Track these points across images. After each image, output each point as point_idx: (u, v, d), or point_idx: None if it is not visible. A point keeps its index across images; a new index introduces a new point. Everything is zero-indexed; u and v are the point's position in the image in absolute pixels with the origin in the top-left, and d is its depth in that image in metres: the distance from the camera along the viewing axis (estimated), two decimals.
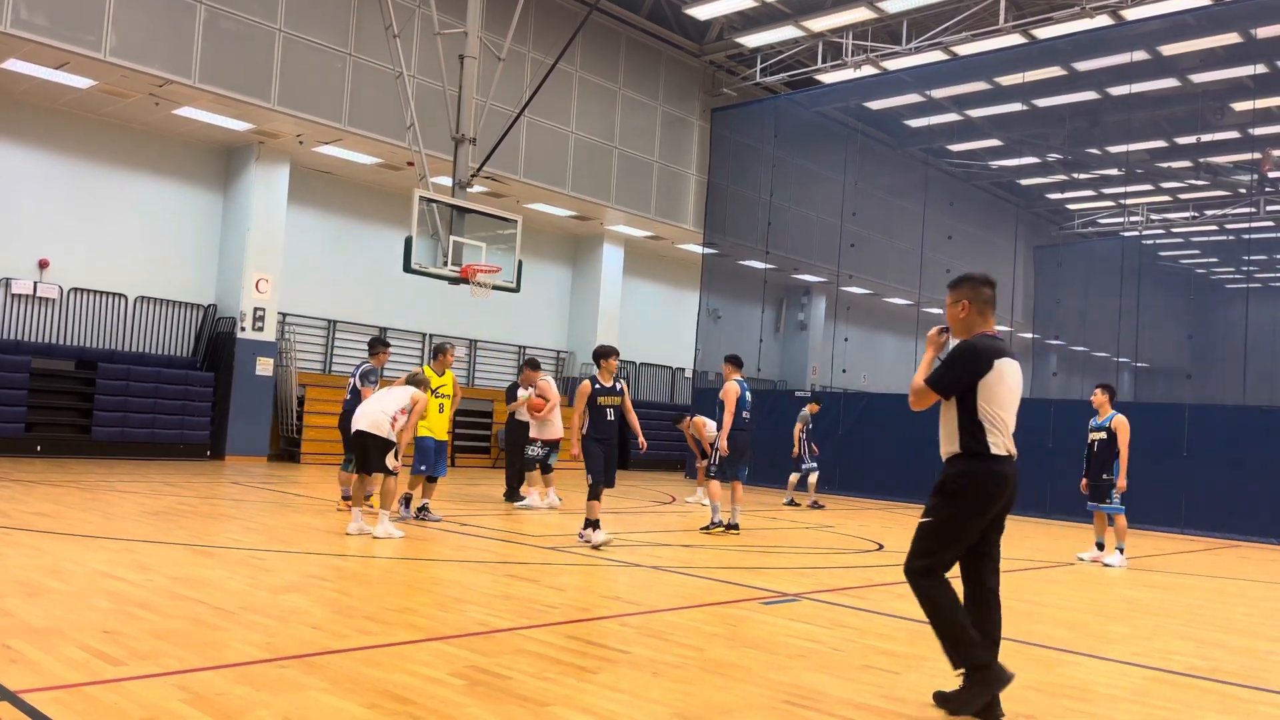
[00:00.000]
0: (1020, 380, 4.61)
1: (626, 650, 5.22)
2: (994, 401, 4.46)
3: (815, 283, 28.42)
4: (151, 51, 15.22)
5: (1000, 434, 4.46)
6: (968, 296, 4.64)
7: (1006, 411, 4.50)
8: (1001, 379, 4.47)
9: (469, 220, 15.27)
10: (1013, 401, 4.53)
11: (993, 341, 4.57)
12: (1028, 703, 4.70)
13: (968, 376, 4.46)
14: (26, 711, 3.63)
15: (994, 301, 4.66)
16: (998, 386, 4.46)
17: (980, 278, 4.69)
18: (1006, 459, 4.48)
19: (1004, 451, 4.47)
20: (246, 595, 6.05)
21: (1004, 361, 4.49)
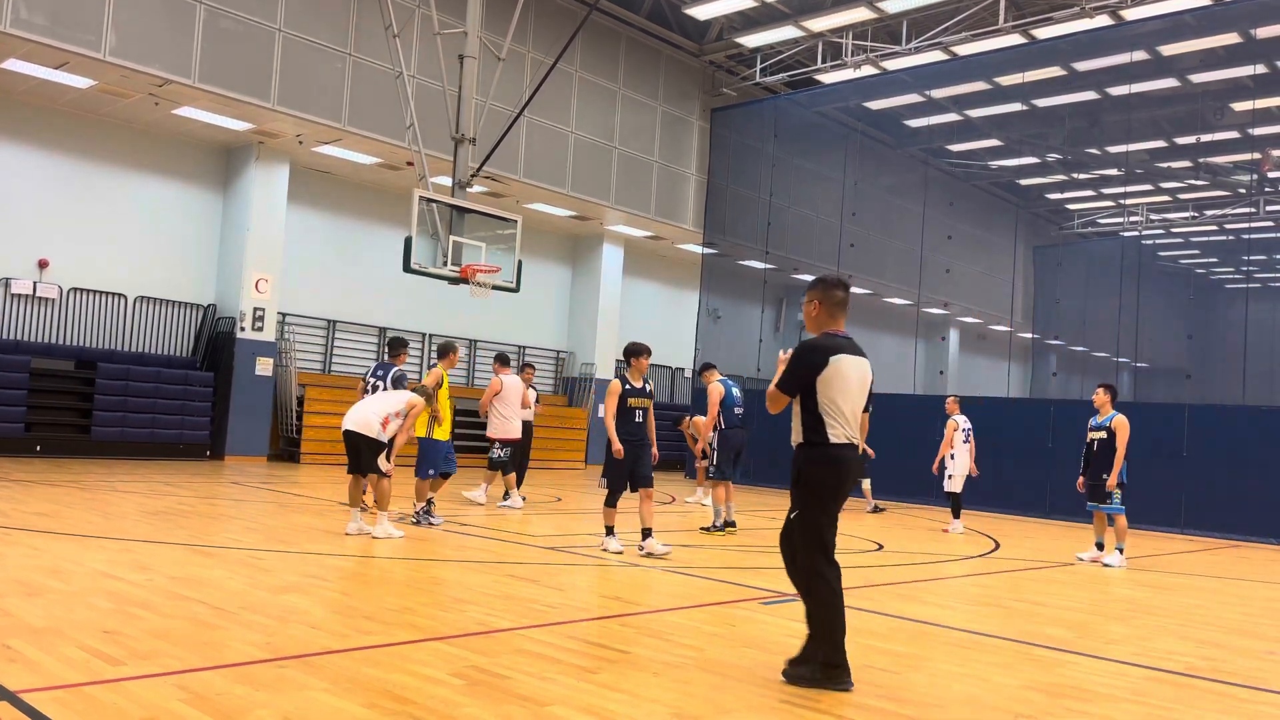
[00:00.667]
0: (863, 374, 5.04)
1: (626, 650, 5.22)
2: (833, 394, 4.88)
3: None
4: (151, 51, 15.22)
5: (840, 424, 4.88)
6: (819, 297, 5.11)
7: (846, 403, 4.90)
8: (839, 374, 4.90)
9: (469, 220, 15.27)
10: (853, 394, 4.94)
11: (832, 340, 5.01)
12: (1028, 703, 4.70)
13: (807, 373, 4.90)
14: (26, 711, 3.63)
15: (845, 304, 5.13)
16: (836, 381, 4.89)
17: (833, 280, 5.15)
18: (846, 446, 4.90)
19: (843, 440, 4.89)
20: (246, 595, 6.05)
21: (841, 358, 4.92)
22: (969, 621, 6.79)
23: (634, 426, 9.19)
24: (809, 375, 4.91)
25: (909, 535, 13.10)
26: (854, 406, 4.95)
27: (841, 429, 4.88)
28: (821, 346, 4.96)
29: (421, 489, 10.46)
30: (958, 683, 5.00)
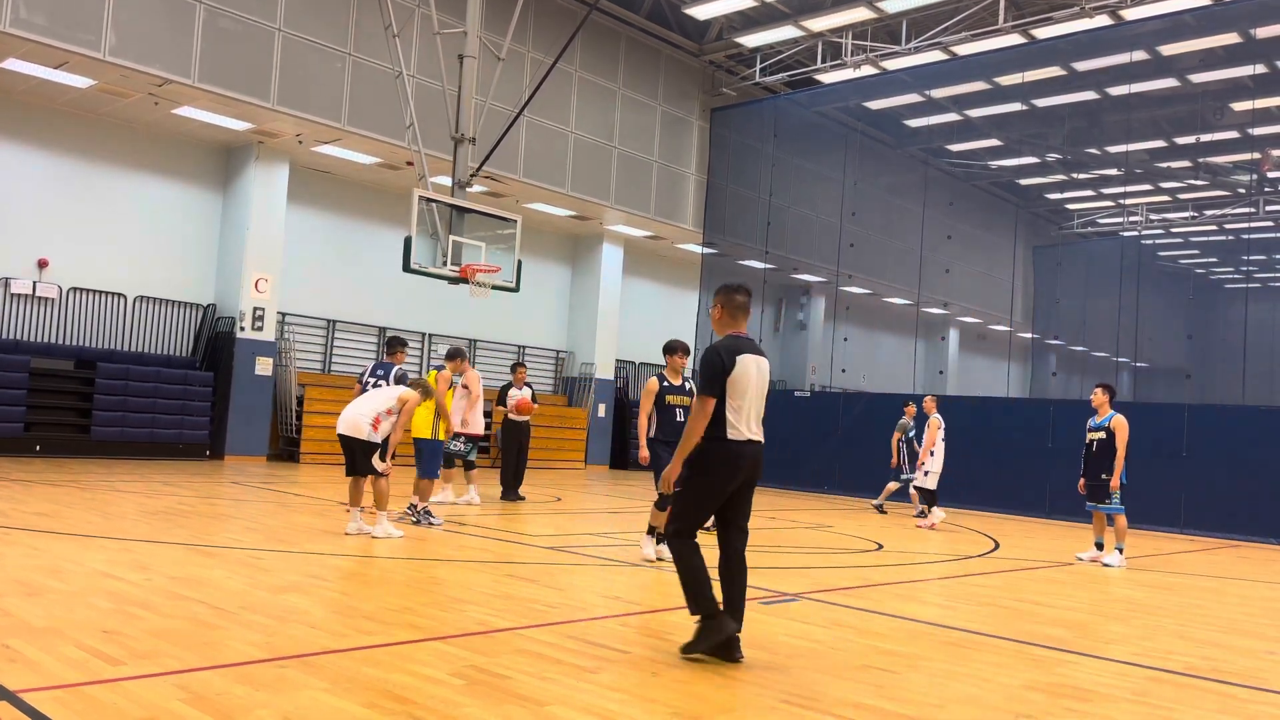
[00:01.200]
0: (763, 371, 5.40)
1: (626, 650, 5.22)
2: (736, 394, 5.25)
3: (814, 282, 28.43)
4: (151, 51, 15.22)
5: (740, 421, 5.25)
6: (722, 302, 5.56)
7: (746, 401, 5.28)
8: (744, 373, 5.27)
9: (468, 220, 15.27)
10: (754, 391, 5.32)
11: (734, 341, 5.40)
12: (1027, 702, 4.70)
13: (720, 375, 5.24)
14: (26, 711, 3.63)
15: (746, 307, 5.57)
16: (740, 380, 5.25)
17: (734, 286, 5.58)
18: (744, 442, 5.25)
19: (741, 436, 5.25)
20: (246, 595, 6.05)
21: (744, 357, 5.30)
22: (969, 621, 6.79)
23: (675, 426, 8.60)
24: (721, 377, 5.24)
25: (909, 535, 13.10)
26: (754, 403, 5.33)
27: (741, 426, 5.25)
28: (725, 348, 5.31)
29: (425, 489, 10.46)
30: (957, 682, 5.00)
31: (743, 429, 5.25)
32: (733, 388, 5.23)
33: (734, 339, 5.43)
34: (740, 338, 5.44)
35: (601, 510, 13.89)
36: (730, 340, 5.41)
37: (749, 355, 5.33)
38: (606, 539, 10.34)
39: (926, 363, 28.67)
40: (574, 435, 24.09)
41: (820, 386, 25.78)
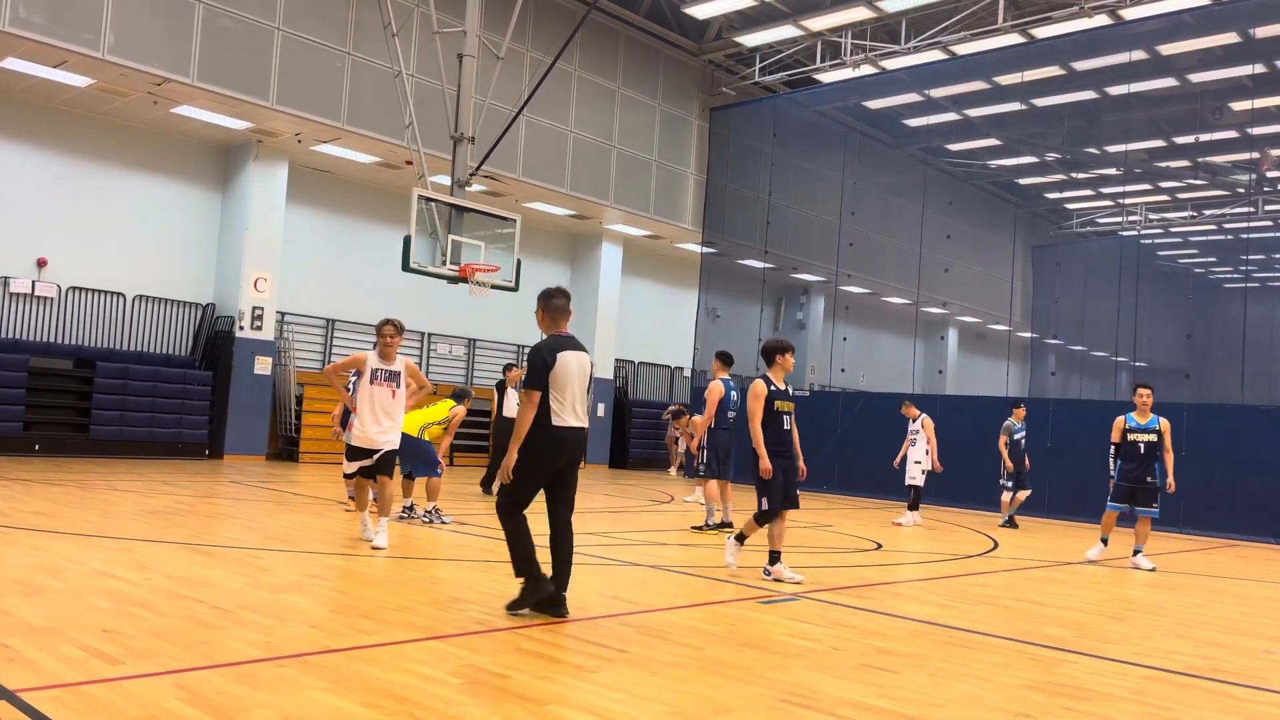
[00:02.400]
0: (583, 365, 6.09)
1: (625, 649, 5.22)
2: (558, 386, 5.94)
3: (814, 282, 28.43)
4: (150, 50, 15.21)
5: (562, 410, 5.93)
6: (543, 306, 6.22)
7: (568, 392, 5.96)
8: (565, 369, 5.96)
9: (468, 219, 15.26)
10: (575, 384, 5.99)
11: (557, 340, 6.08)
12: (1027, 702, 4.70)
13: (544, 371, 5.91)
14: (25, 710, 3.63)
15: (565, 309, 6.23)
16: (562, 375, 5.95)
17: (553, 291, 6.24)
18: (566, 428, 5.94)
19: (563, 423, 5.94)
20: (245, 594, 6.05)
21: (565, 354, 5.99)
22: (968, 621, 6.79)
23: (783, 435, 8.08)
24: (545, 371, 5.93)
25: (908, 535, 13.11)
26: (576, 394, 6.01)
27: (565, 415, 5.95)
28: (547, 347, 6.01)
29: (435, 488, 10.48)
30: (957, 682, 5.00)
31: (566, 417, 5.96)
32: (555, 382, 5.94)
33: (556, 338, 6.11)
34: (562, 337, 6.12)
35: (601, 510, 13.89)
36: (553, 339, 6.10)
37: (570, 352, 6.03)
38: (606, 538, 10.34)
39: (926, 362, 28.70)
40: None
41: (819, 386, 25.78)
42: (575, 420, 6.00)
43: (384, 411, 8.53)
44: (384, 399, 8.51)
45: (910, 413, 14.92)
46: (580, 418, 6.04)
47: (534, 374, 5.94)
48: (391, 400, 8.56)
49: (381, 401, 8.51)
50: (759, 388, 8.04)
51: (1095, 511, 16.30)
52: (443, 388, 20.19)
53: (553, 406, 5.92)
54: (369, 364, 8.56)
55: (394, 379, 8.58)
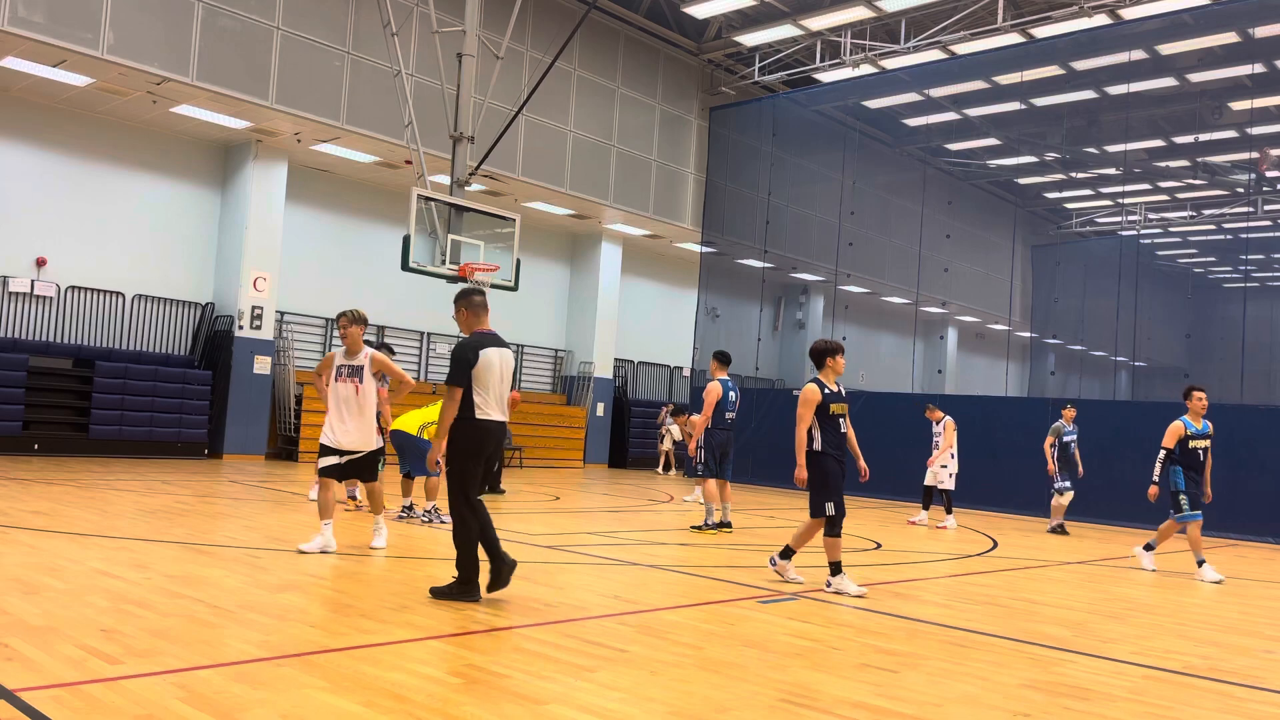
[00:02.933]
0: (505, 361, 6.41)
1: (624, 649, 5.22)
2: (481, 381, 6.25)
3: (813, 281, 28.44)
4: (149, 49, 15.21)
5: (485, 404, 6.26)
6: (463, 305, 6.55)
7: (491, 387, 6.28)
8: (488, 365, 6.28)
9: (467, 219, 15.27)
10: (498, 379, 6.34)
11: (479, 337, 6.38)
12: (1026, 701, 4.70)
13: (467, 367, 6.22)
14: (24, 710, 3.62)
15: (484, 306, 6.56)
16: (484, 371, 6.26)
17: (471, 290, 6.60)
18: (490, 420, 6.27)
19: (487, 416, 6.26)
20: (244, 593, 6.05)
21: (488, 351, 6.30)
22: (967, 620, 6.79)
23: (839, 438, 7.78)
24: (467, 368, 6.23)
25: (907, 534, 13.11)
26: (499, 389, 6.34)
27: (487, 407, 6.26)
28: (470, 344, 6.31)
29: (434, 487, 10.47)
30: (956, 681, 5.00)
31: (489, 411, 6.29)
32: (478, 377, 6.24)
33: (479, 335, 6.41)
34: (484, 334, 6.42)
35: (600, 509, 13.89)
36: (476, 337, 6.40)
37: (492, 349, 6.34)
38: (605, 538, 10.34)
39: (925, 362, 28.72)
40: (573, 434, 24.09)
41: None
42: (498, 414, 6.33)
43: (348, 409, 8.01)
44: (347, 395, 8.01)
45: (934, 415, 14.76)
46: (502, 411, 6.38)
47: (458, 370, 6.24)
48: (355, 397, 8.01)
49: (345, 398, 8.02)
50: (812, 393, 7.71)
51: (1095, 511, 16.36)
52: (442, 388, 20.20)
53: (476, 401, 6.23)
54: (335, 361, 8.16)
55: (356, 374, 8.05)
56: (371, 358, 8.08)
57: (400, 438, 10.50)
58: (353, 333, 8.07)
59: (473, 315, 6.53)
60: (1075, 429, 14.31)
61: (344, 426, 8.00)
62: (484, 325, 6.50)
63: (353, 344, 8.10)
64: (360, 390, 8.01)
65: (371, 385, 8.09)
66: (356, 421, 8.02)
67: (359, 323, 8.13)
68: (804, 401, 7.71)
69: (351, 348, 8.11)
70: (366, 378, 8.05)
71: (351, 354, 8.11)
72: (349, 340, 8.08)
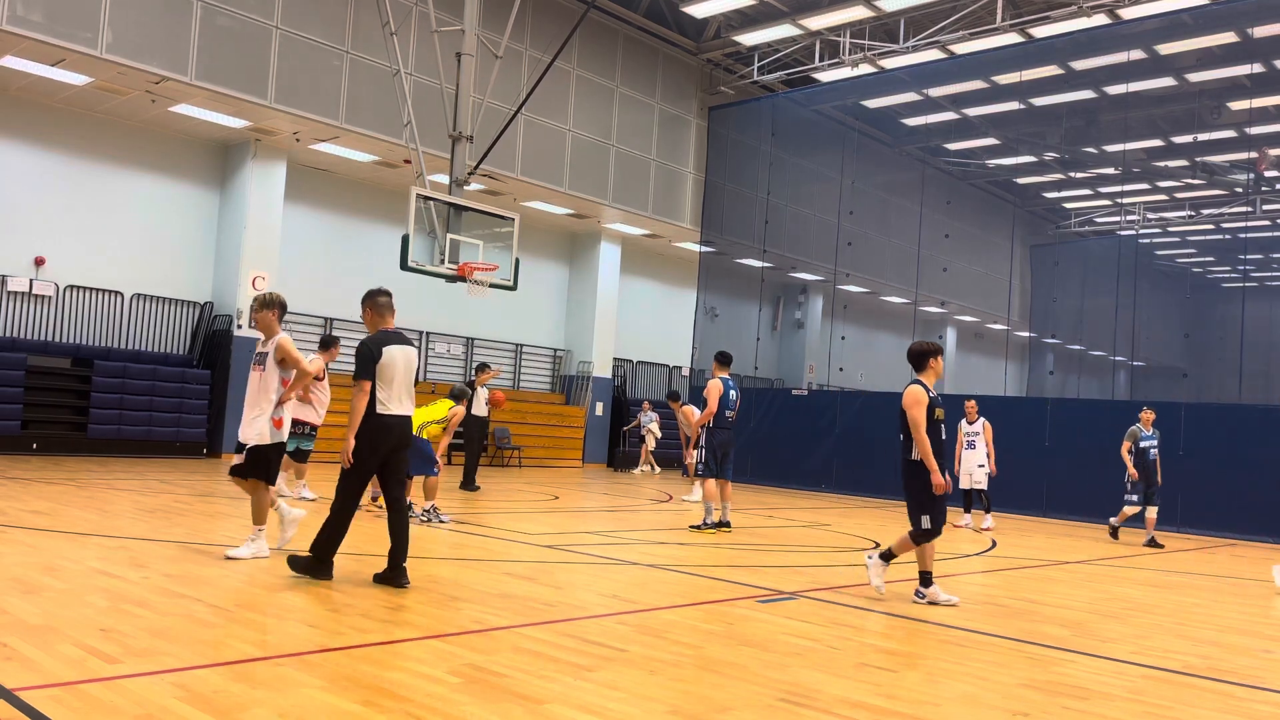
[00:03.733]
0: (409, 359, 6.68)
1: (623, 648, 5.22)
2: (384, 378, 6.51)
3: (812, 281, 28.45)
4: (148, 48, 15.20)
5: (388, 399, 6.53)
6: (369, 305, 6.84)
7: (394, 383, 6.56)
8: (391, 361, 6.54)
9: (466, 218, 15.26)
10: (402, 375, 6.61)
11: (383, 335, 6.66)
12: (1025, 701, 4.70)
13: (371, 363, 6.48)
14: (23, 709, 3.62)
15: (390, 307, 6.84)
16: (388, 367, 6.52)
17: (376, 291, 6.90)
18: (391, 416, 6.54)
19: (389, 411, 6.52)
20: (243, 593, 6.04)
21: (391, 348, 6.57)
22: (966, 620, 6.80)
23: (940, 446, 7.41)
24: (371, 364, 6.48)
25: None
26: (401, 385, 6.61)
27: (390, 404, 6.54)
28: (376, 341, 6.57)
29: (433, 487, 10.46)
30: (955, 681, 5.00)
31: (391, 406, 6.54)
32: (382, 373, 6.51)
33: (384, 333, 6.68)
34: (388, 332, 6.70)
35: (599, 509, 13.89)
36: (380, 335, 6.67)
37: (395, 346, 6.61)
38: (604, 537, 10.34)
39: None
40: (572, 434, 24.09)
41: (818, 385, 25.79)
42: (400, 409, 6.61)
43: (251, 397, 7.35)
44: (252, 384, 7.38)
45: (972, 415, 14.50)
46: (405, 407, 6.66)
47: (362, 366, 6.50)
48: (255, 385, 7.34)
49: (250, 387, 7.38)
50: (920, 394, 7.25)
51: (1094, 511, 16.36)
52: (441, 387, 20.19)
53: (379, 396, 6.50)
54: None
55: (261, 361, 7.37)
56: (277, 345, 7.38)
57: None
58: (262, 317, 7.40)
59: (377, 315, 6.80)
60: (1155, 434, 13.14)
61: (247, 415, 7.34)
62: (388, 324, 6.78)
63: (266, 329, 7.43)
64: (261, 378, 7.34)
65: (274, 374, 7.35)
66: (252, 412, 7.31)
67: (270, 306, 7.41)
68: (915, 403, 7.23)
69: (265, 332, 7.44)
70: (269, 365, 7.34)
71: (265, 339, 7.47)
72: (260, 325, 7.43)
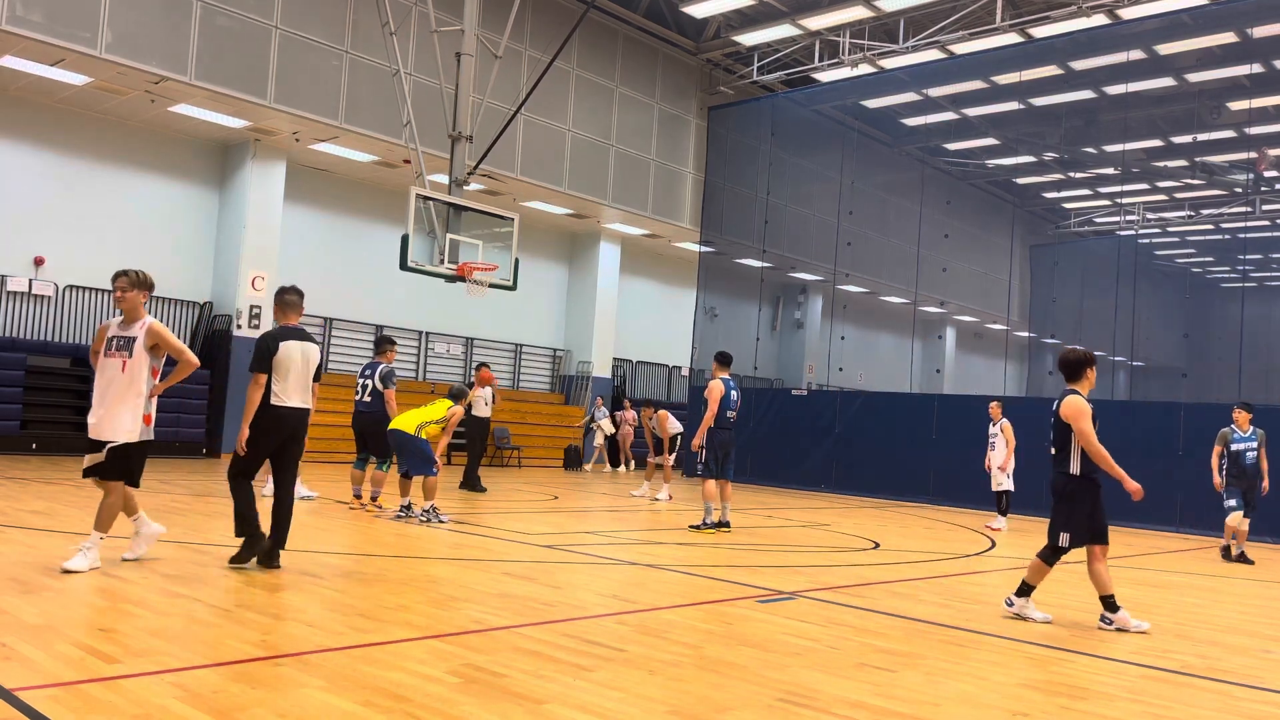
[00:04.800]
0: (306, 353, 7.02)
1: (623, 648, 5.22)
2: (280, 371, 6.85)
3: (812, 281, 28.45)
4: (147, 48, 15.19)
5: (283, 392, 6.87)
6: (277, 303, 7.24)
7: (289, 376, 6.89)
8: (288, 355, 6.88)
9: (465, 218, 15.26)
10: (296, 369, 6.93)
11: (283, 330, 7.08)
12: (1024, 701, 4.70)
13: (267, 356, 6.84)
14: (22, 709, 3.62)
15: (293, 304, 7.22)
16: (284, 361, 6.87)
17: (285, 289, 7.28)
18: (285, 407, 6.88)
19: (283, 403, 6.87)
20: (242, 593, 6.04)
21: (288, 343, 6.92)
22: (965, 620, 6.79)
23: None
24: (267, 357, 6.84)
25: (905, 533, 13.11)
26: (297, 379, 6.94)
27: (284, 396, 6.86)
28: (274, 335, 6.95)
29: (431, 487, 10.45)
30: (954, 681, 5.00)
31: (285, 398, 6.85)
32: (277, 367, 6.83)
33: (284, 329, 7.09)
34: (288, 328, 7.09)
35: (598, 509, 13.89)
36: (280, 329, 7.08)
37: (294, 341, 6.96)
38: (603, 537, 10.34)
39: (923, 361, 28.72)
40: (571, 434, 24.08)
41: (817, 385, 25.80)
42: (296, 401, 6.92)
43: (112, 390, 6.56)
44: (113, 373, 6.55)
45: (997, 415, 14.33)
46: (302, 400, 6.98)
47: (257, 358, 6.85)
48: (121, 374, 6.52)
49: (110, 376, 6.57)
50: (1083, 405, 6.80)
51: None
52: (440, 387, 20.19)
53: (275, 389, 6.83)
54: (108, 332, 6.67)
55: (126, 346, 6.53)
56: (149, 329, 6.55)
57: (398, 437, 10.49)
58: (131, 299, 6.61)
59: (281, 311, 7.22)
60: (1255, 434, 11.81)
61: (102, 410, 6.59)
62: (291, 321, 7.17)
63: (131, 311, 6.60)
64: (128, 367, 6.52)
65: (143, 362, 6.54)
66: (117, 406, 6.56)
67: (141, 286, 6.72)
68: (1080, 414, 6.75)
69: (131, 314, 6.60)
70: (138, 352, 6.50)
71: (129, 323, 6.60)
72: (126, 306, 6.59)
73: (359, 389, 11.53)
